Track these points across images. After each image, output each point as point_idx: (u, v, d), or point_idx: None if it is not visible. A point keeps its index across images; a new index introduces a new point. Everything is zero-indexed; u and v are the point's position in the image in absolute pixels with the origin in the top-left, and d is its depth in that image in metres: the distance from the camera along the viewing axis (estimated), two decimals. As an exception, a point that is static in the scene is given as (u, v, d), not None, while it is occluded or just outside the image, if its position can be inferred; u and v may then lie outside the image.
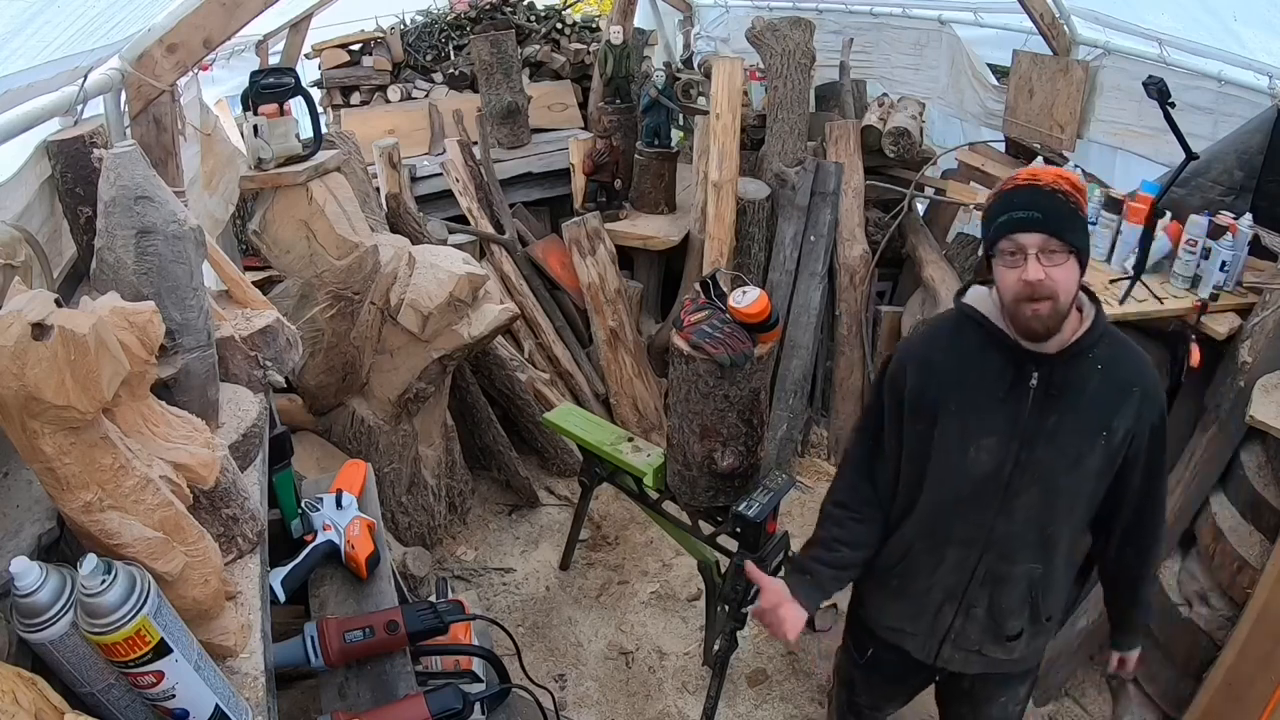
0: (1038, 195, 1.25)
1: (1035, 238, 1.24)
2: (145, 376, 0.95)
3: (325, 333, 2.37)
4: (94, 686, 0.81)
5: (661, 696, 2.45)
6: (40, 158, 1.45)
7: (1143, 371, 1.37)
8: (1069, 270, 1.25)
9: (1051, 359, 1.33)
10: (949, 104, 4.08)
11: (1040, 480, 1.37)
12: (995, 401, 1.36)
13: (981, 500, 1.41)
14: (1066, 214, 1.25)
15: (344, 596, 1.44)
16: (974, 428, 1.38)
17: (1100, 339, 1.35)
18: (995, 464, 1.38)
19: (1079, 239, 1.26)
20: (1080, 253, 1.26)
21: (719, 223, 3.43)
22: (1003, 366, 1.36)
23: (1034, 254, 1.24)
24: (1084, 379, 1.34)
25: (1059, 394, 1.34)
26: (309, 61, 4.38)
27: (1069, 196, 1.25)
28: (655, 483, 2.35)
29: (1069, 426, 1.35)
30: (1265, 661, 1.82)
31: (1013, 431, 1.36)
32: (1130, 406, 1.34)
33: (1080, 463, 1.36)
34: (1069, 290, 1.26)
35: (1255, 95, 2.42)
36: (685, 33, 5.73)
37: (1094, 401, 1.34)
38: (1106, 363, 1.34)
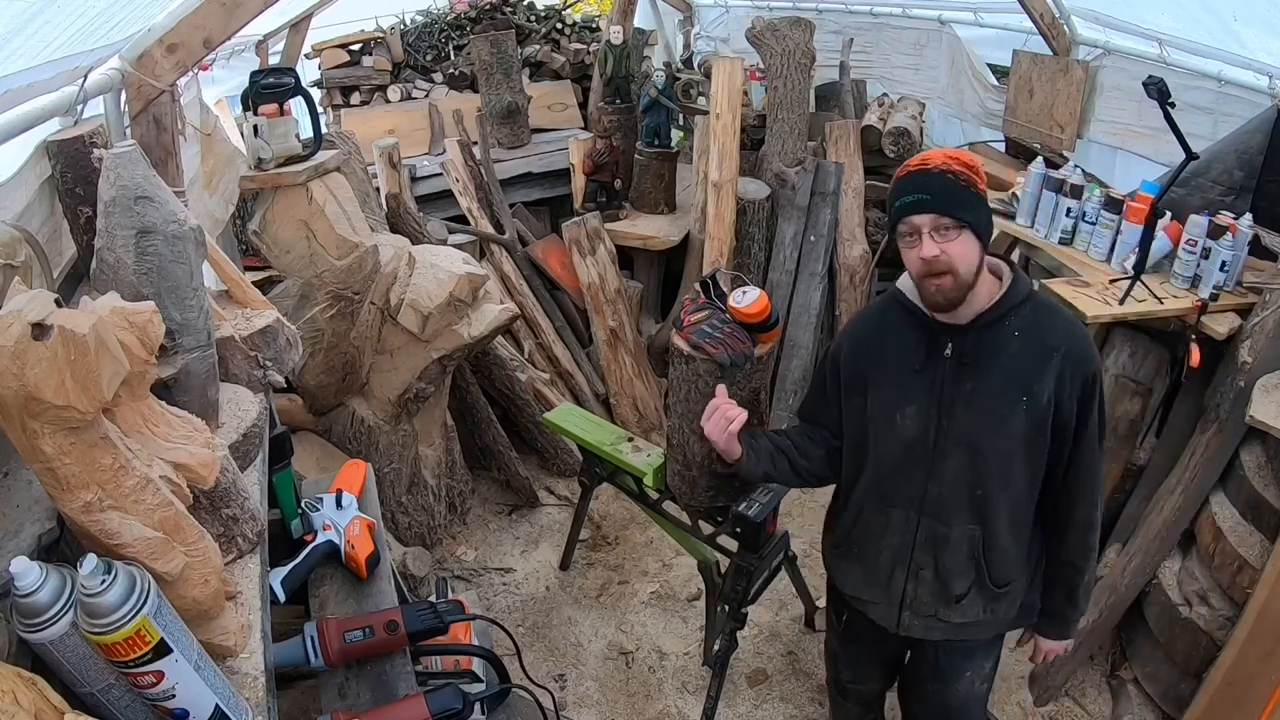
0: (926, 178, 1.34)
1: (926, 218, 1.33)
2: (145, 376, 0.95)
3: (325, 333, 2.37)
4: (94, 686, 0.81)
5: (661, 696, 2.45)
6: (40, 158, 1.45)
7: (1068, 334, 1.41)
8: (964, 244, 1.33)
9: (965, 329, 1.42)
10: (949, 104, 4.08)
11: (964, 443, 1.46)
12: (913, 373, 1.47)
13: (912, 464, 1.51)
14: (955, 191, 1.32)
15: (344, 596, 1.44)
16: (897, 397, 1.50)
17: (1018, 307, 1.41)
18: (919, 429, 1.48)
19: (970, 214, 1.33)
20: (974, 226, 1.34)
21: (719, 223, 3.43)
22: (919, 340, 1.47)
23: (927, 232, 1.33)
24: (999, 345, 1.42)
25: (972, 361, 1.43)
26: (309, 61, 4.38)
27: (959, 175, 1.33)
28: (655, 483, 2.35)
29: (986, 391, 1.43)
30: (1265, 661, 1.82)
31: (931, 399, 1.46)
32: (1051, 369, 1.39)
33: (1003, 425, 1.43)
34: (968, 262, 1.34)
35: (1255, 95, 2.42)
36: (685, 33, 5.73)
37: (1012, 366, 1.41)
38: (1025, 328, 1.41)
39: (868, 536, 1.64)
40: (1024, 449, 1.44)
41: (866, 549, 1.65)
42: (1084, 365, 1.41)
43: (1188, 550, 2.18)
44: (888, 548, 1.60)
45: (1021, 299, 1.42)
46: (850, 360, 1.57)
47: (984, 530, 1.51)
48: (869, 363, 1.54)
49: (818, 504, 3.24)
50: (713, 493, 2.17)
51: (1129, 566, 2.23)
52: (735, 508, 2.06)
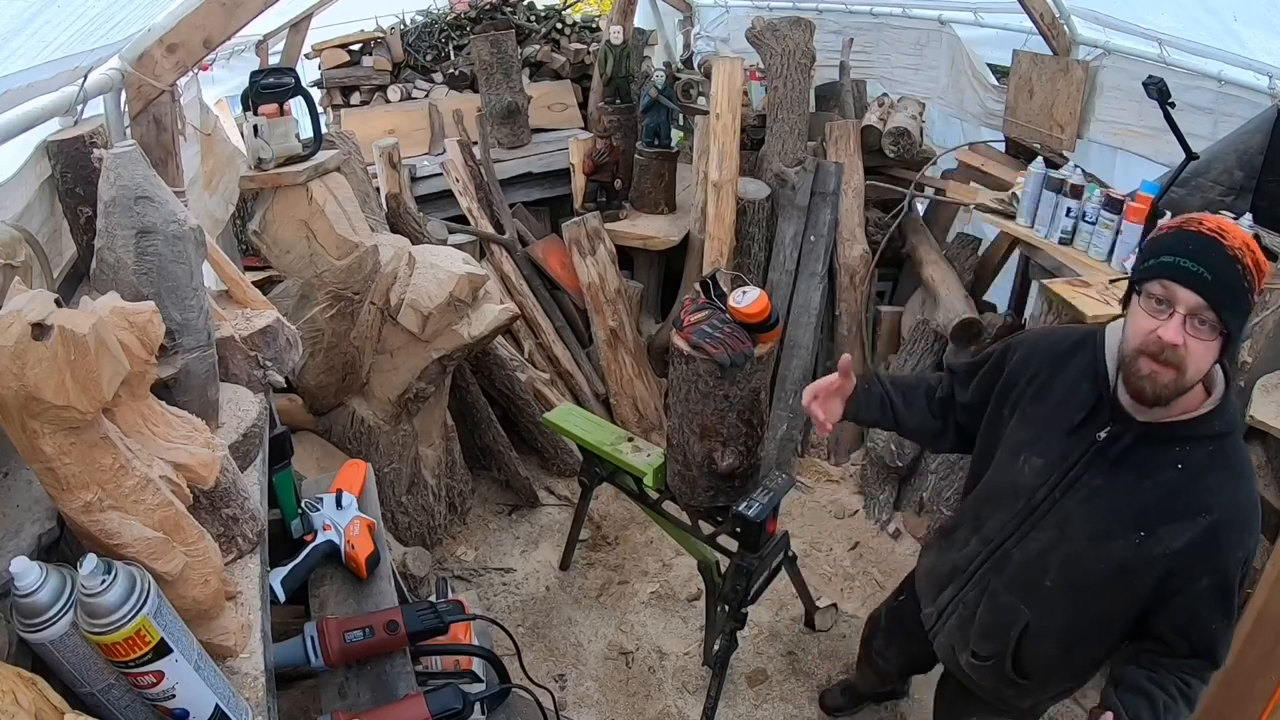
0: (1218, 253, 1.09)
1: (1193, 298, 1.09)
2: (145, 376, 0.95)
3: (325, 333, 2.37)
4: (94, 686, 0.81)
5: (661, 696, 2.45)
6: (40, 158, 1.45)
7: (1233, 505, 1.18)
8: (1209, 350, 1.12)
9: (1134, 426, 1.23)
10: (949, 104, 4.08)
11: (1062, 531, 1.31)
12: (1061, 429, 1.30)
13: (1010, 512, 1.39)
14: (1237, 289, 1.09)
15: (344, 596, 1.44)
16: (1032, 440, 1.34)
17: (1203, 439, 1.20)
18: (1032, 485, 1.34)
19: (1235, 322, 1.11)
20: (1229, 337, 1.12)
21: (719, 223, 3.43)
22: (1086, 402, 1.28)
23: (1183, 313, 1.11)
24: (1155, 466, 1.21)
25: (1118, 460, 1.24)
26: (309, 61, 4.38)
27: (1247, 271, 1.10)
28: (655, 483, 2.35)
29: (1108, 501, 1.25)
30: (1265, 661, 1.82)
31: (1059, 467, 1.30)
32: (1188, 530, 1.18)
33: (1103, 543, 1.26)
34: (1199, 370, 1.14)
35: (1255, 95, 2.42)
36: (685, 33, 5.73)
37: (1148, 496, 1.21)
38: (1193, 468, 1.19)
39: (950, 541, 1.58)
40: (1111, 581, 1.27)
41: (944, 551, 1.60)
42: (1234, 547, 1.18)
43: (1188, 550, 2.19)
44: (951, 562, 1.55)
45: (1212, 433, 1.20)
46: (1015, 372, 1.41)
47: (1034, 620, 1.39)
48: (1030, 384, 1.38)
49: (818, 504, 3.24)
50: (713, 493, 2.17)
51: (1129, 566, 2.22)
52: (735, 508, 2.06)
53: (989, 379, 1.47)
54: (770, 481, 2.12)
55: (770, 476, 2.15)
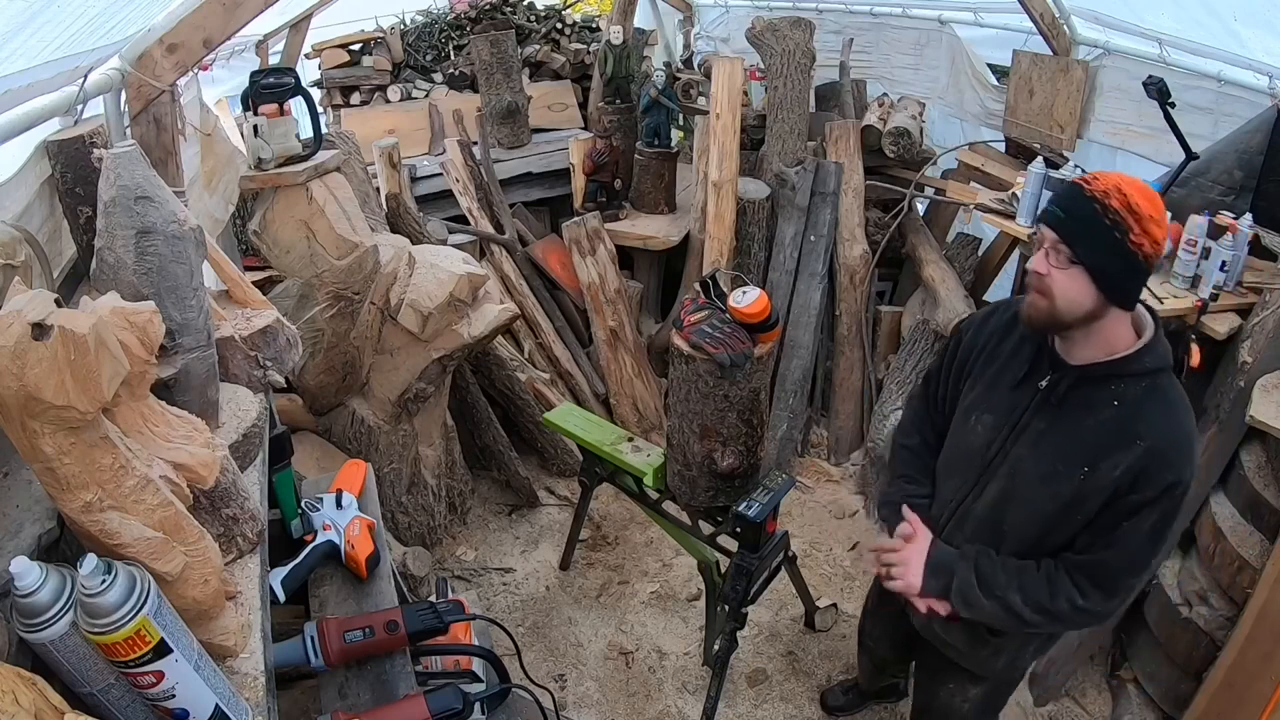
0: (1076, 196, 1.24)
1: (1050, 233, 1.26)
2: (145, 376, 0.95)
3: (325, 333, 2.37)
4: (94, 686, 0.81)
5: (661, 696, 2.45)
6: (40, 158, 1.45)
7: (1164, 433, 1.27)
8: (1071, 280, 1.24)
9: (1071, 370, 1.33)
10: (949, 104, 4.08)
11: (1012, 478, 1.40)
12: (1007, 385, 1.41)
13: (966, 470, 1.48)
14: (1092, 224, 1.21)
15: (344, 596, 1.44)
16: (983, 399, 1.45)
17: (1135, 376, 1.29)
18: (984, 442, 1.44)
19: (1091, 256, 1.22)
20: (1092, 270, 1.22)
21: (719, 223, 3.43)
22: (1029, 357, 1.40)
23: (1047, 247, 1.26)
24: (1093, 405, 1.31)
25: (1058, 406, 1.34)
26: (309, 61, 4.38)
27: (1110, 212, 1.20)
28: (655, 483, 2.35)
29: (1053, 442, 1.35)
30: (1265, 661, 1.82)
31: (1007, 420, 1.40)
32: (1126, 458, 1.27)
33: (1051, 483, 1.35)
34: (1067, 299, 1.25)
35: (1255, 95, 2.42)
36: (685, 33, 5.73)
37: (1090, 432, 1.31)
38: (1128, 404, 1.29)
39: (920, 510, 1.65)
40: (1059, 517, 1.36)
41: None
42: (1164, 470, 1.26)
43: (1188, 550, 2.18)
44: None
45: (1141, 370, 1.29)
46: (969, 342, 1.54)
47: None
48: (980, 354, 1.50)
49: (818, 504, 3.24)
50: (713, 493, 2.17)
51: (1129, 566, 2.22)
52: (735, 508, 2.06)
53: (951, 365, 1.58)
54: (770, 481, 2.12)
55: (770, 476, 2.15)
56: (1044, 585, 1.36)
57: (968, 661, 1.62)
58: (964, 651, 1.59)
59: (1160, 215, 1.22)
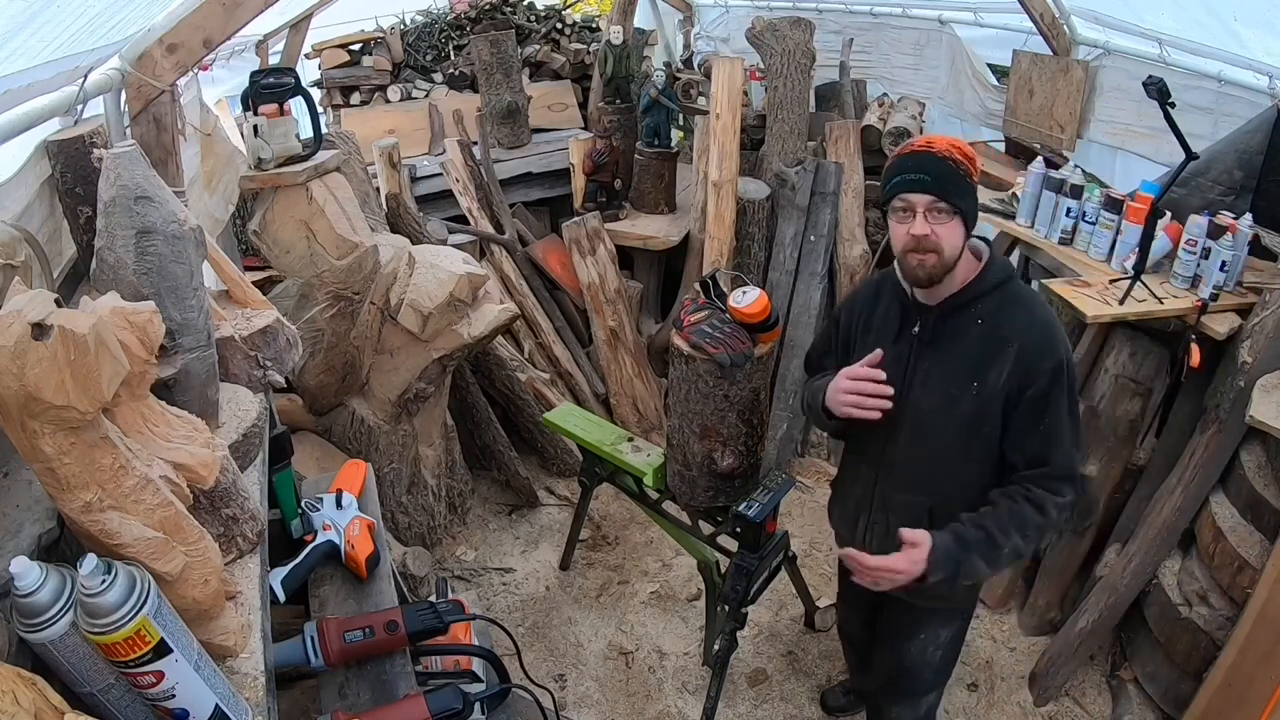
0: (928, 160, 1.39)
1: (923, 198, 1.39)
2: (145, 376, 0.95)
3: (325, 333, 2.37)
4: (94, 686, 0.81)
5: (661, 696, 2.45)
6: (40, 158, 1.45)
7: (1027, 328, 1.44)
8: (953, 229, 1.41)
9: (933, 309, 1.50)
10: (949, 104, 4.08)
11: (916, 417, 1.54)
12: (888, 344, 1.56)
13: (876, 428, 1.57)
14: (954, 178, 1.39)
15: (344, 596, 1.44)
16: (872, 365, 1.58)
17: (986, 295, 1.47)
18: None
19: (964, 202, 1.40)
20: (965, 214, 1.41)
21: (719, 223, 3.43)
22: (898, 315, 1.57)
23: (921, 212, 1.40)
24: (960, 330, 1.48)
25: (932, 341, 1.51)
26: (309, 61, 4.38)
27: (958, 164, 1.39)
28: (655, 483, 2.35)
29: (940, 373, 1.50)
30: (1265, 661, 1.82)
31: (897, 372, 1.53)
32: (1005, 362, 1.43)
33: (951, 408, 1.49)
34: (953, 245, 1.41)
35: (1255, 95, 2.42)
36: (685, 33, 5.73)
37: (966, 352, 1.47)
38: (988, 317, 1.46)
39: (846, 481, 1.80)
40: (969, 434, 1.50)
41: (845, 492, 1.81)
42: (1041, 360, 1.42)
43: (1188, 550, 2.18)
44: (853, 497, 1.74)
45: (990, 287, 1.47)
46: (846, 320, 1.70)
47: (932, 505, 1.57)
48: (859, 326, 1.66)
49: (818, 504, 3.24)
50: (713, 493, 2.17)
51: (1129, 566, 2.23)
52: (735, 508, 2.06)
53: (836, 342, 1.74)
54: (770, 481, 2.12)
55: (770, 476, 2.15)
56: (1032, 511, 1.45)
57: (936, 601, 1.68)
58: (942, 594, 1.61)
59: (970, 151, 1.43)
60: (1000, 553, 1.46)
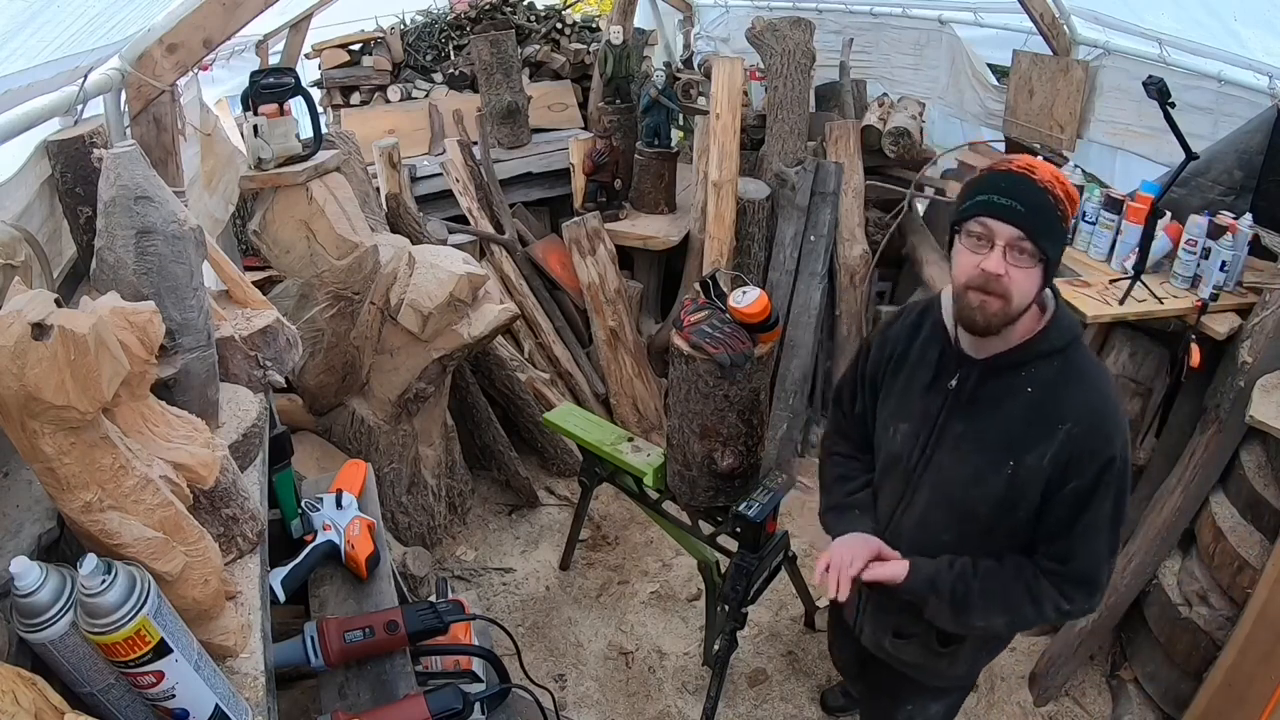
0: (1027, 186, 1.15)
1: (1009, 230, 1.15)
2: (145, 376, 0.95)
3: (325, 333, 2.37)
4: (94, 686, 0.81)
5: (661, 696, 2.45)
6: (40, 158, 1.45)
7: (1086, 411, 1.21)
8: (1031, 276, 1.17)
9: (978, 364, 1.27)
10: (949, 104, 4.08)
11: (939, 485, 1.34)
12: (919, 391, 1.35)
13: (893, 481, 1.42)
14: (1050, 216, 1.15)
15: (344, 596, 1.44)
16: (898, 409, 1.40)
17: (1044, 357, 1.23)
18: (904, 451, 1.38)
19: (1053, 248, 1.17)
20: (1049, 263, 1.18)
21: (719, 223, 3.43)
22: (936, 359, 1.34)
23: (1002, 245, 1.15)
24: (1005, 395, 1.25)
25: (971, 402, 1.28)
26: (309, 61, 4.38)
27: (1059, 201, 1.15)
28: (655, 483, 2.35)
29: (973, 441, 1.28)
30: (1265, 661, 1.82)
31: (924, 426, 1.34)
32: (1051, 445, 1.21)
33: (980, 482, 1.28)
34: (1024, 295, 1.18)
35: (1255, 95, 2.42)
36: (685, 33, 5.73)
37: (1009, 424, 1.24)
38: (1042, 388, 1.23)
39: None
40: (998, 515, 1.29)
41: None
42: (1094, 451, 1.20)
43: (1188, 550, 2.19)
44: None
45: (1050, 350, 1.23)
46: (875, 356, 1.47)
47: None
48: (888, 365, 1.44)
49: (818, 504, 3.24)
50: (712, 493, 2.17)
51: (1129, 566, 2.23)
52: (735, 508, 2.06)
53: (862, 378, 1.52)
54: (770, 481, 2.12)
55: (770, 476, 2.15)
56: (1026, 600, 1.29)
57: (927, 675, 1.54)
58: (921, 664, 1.51)
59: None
60: (971, 620, 1.32)
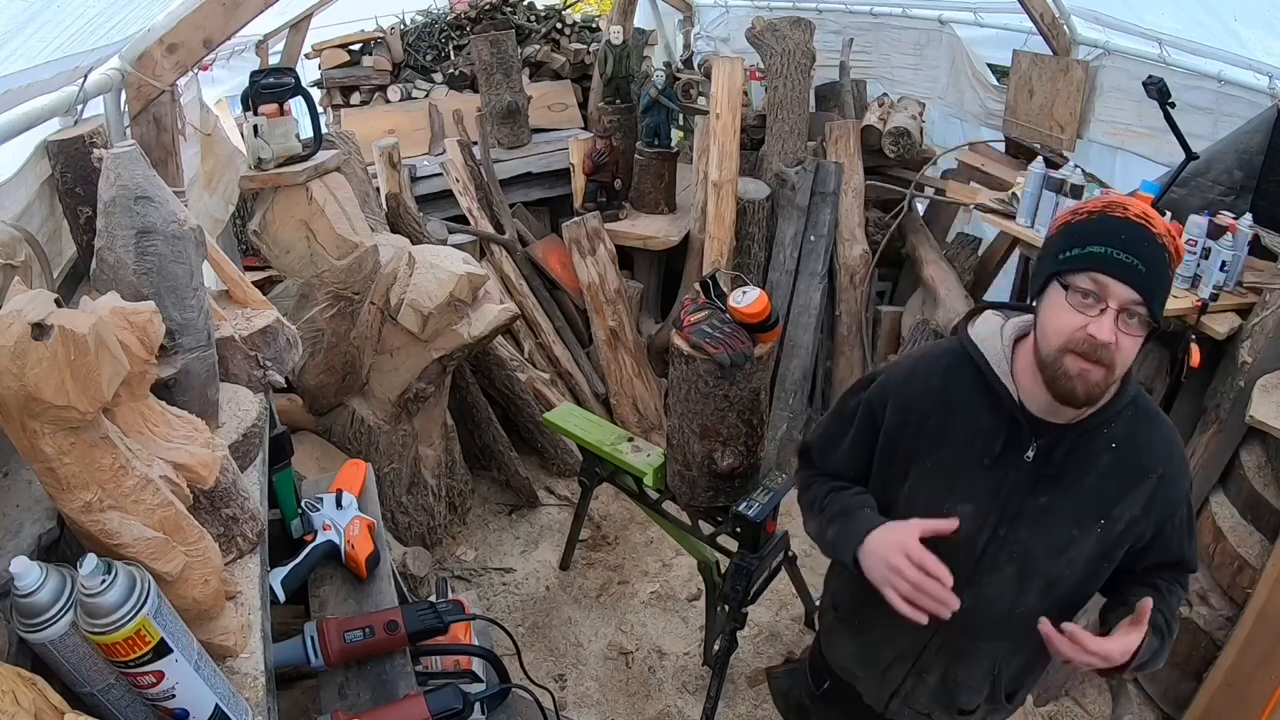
0: (1148, 241, 1.00)
1: (1127, 292, 0.99)
2: (145, 376, 0.95)
3: (325, 333, 2.37)
4: (94, 686, 0.80)
5: (661, 696, 2.45)
6: (40, 158, 1.45)
7: (1169, 454, 1.17)
8: (1137, 345, 1.03)
9: (1058, 430, 1.14)
10: (949, 104, 4.08)
11: (1017, 561, 1.19)
12: (979, 466, 1.18)
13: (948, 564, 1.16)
14: (1166, 280, 1.02)
15: (344, 596, 1.44)
16: (950, 490, 1.20)
17: (1122, 412, 1.14)
18: (968, 536, 1.18)
19: (1160, 311, 1.03)
20: (1154, 327, 1.03)
21: (719, 223, 3.43)
22: (996, 427, 1.17)
23: (1115, 309, 1.00)
24: (1092, 459, 1.15)
25: (1057, 473, 1.15)
26: (309, 61, 4.38)
27: (1171, 261, 1.02)
28: (655, 483, 2.35)
29: (1061, 510, 1.16)
30: (1265, 661, 1.82)
31: (993, 505, 1.18)
32: (1142, 494, 1.15)
33: (1068, 549, 1.17)
34: (1125, 364, 1.05)
35: (1255, 95, 2.42)
36: (685, 33, 5.73)
37: (1098, 484, 1.15)
38: (1123, 441, 1.15)
39: (871, 621, 1.36)
40: (1084, 574, 1.20)
41: (869, 632, 1.40)
42: (1181, 490, 1.18)
43: (1188, 550, 2.19)
44: (890, 642, 1.35)
45: (1126, 402, 1.14)
46: (896, 425, 1.24)
47: (1014, 646, 1.28)
48: (920, 438, 1.22)
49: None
50: (713, 493, 2.17)
51: (1129, 566, 2.23)
52: (735, 508, 2.06)
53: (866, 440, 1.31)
54: (770, 481, 2.12)
55: (770, 476, 2.15)
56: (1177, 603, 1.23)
57: None
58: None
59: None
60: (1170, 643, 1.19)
